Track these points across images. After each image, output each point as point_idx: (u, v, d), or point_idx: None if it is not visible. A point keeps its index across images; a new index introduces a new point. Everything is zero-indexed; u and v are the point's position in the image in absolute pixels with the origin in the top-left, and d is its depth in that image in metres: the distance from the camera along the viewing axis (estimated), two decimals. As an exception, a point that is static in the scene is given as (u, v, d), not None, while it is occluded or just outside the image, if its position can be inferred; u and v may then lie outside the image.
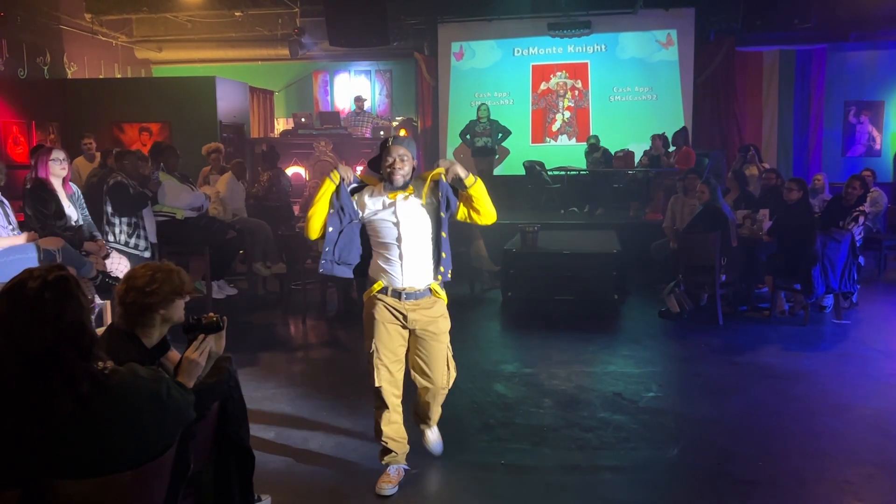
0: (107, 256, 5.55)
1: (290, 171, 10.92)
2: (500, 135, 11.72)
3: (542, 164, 11.64)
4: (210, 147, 8.90)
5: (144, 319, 2.66)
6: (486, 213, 3.56)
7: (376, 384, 3.62)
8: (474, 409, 4.75)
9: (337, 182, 3.50)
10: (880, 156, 12.48)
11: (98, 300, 4.95)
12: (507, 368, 5.64)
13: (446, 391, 3.83)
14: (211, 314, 2.76)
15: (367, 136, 12.64)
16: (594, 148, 11.33)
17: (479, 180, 3.51)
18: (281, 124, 14.67)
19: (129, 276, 2.75)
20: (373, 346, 3.61)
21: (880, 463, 3.98)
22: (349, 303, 7.48)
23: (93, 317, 2.47)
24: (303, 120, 12.54)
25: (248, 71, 14.32)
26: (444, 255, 3.55)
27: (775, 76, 12.83)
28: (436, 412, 3.93)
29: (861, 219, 7.35)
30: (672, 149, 10.76)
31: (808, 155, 12.91)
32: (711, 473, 3.87)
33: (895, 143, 12.45)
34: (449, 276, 3.62)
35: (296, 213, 9.72)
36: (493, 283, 8.14)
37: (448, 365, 3.76)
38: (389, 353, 3.61)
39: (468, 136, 11.75)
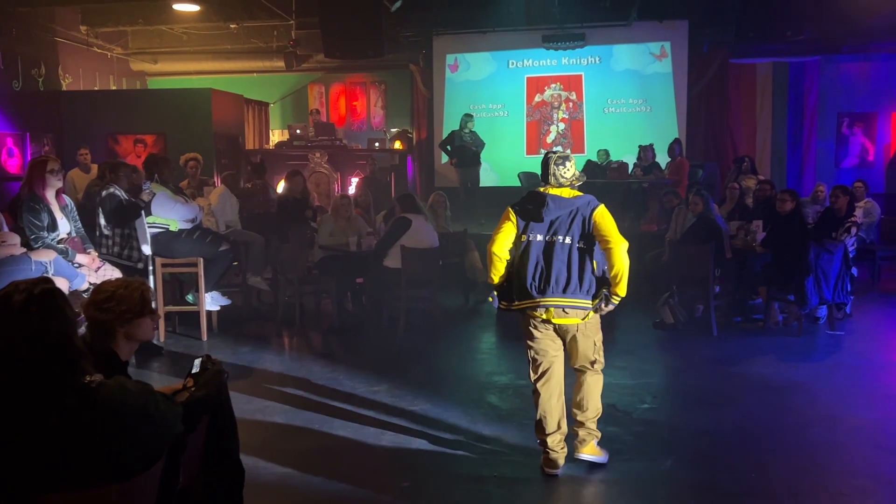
0: (99, 269, 5.54)
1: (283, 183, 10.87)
2: (477, 147, 11.54)
3: (536, 176, 11.62)
4: (188, 156, 8.32)
5: (103, 335, 2.60)
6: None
7: None
8: (468, 421, 4.74)
9: None
10: (873, 167, 12.51)
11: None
12: (500, 380, 5.63)
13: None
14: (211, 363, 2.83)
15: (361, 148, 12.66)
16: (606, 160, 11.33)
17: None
18: (276, 136, 14.69)
19: (95, 289, 2.72)
20: None
21: (874, 475, 3.98)
22: (344, 314, 7.46)
23: (81, 330, 2.45)
24: (297, 132, 12.53)
25: (244, 83, 14.36)
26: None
27: (769, 88, 12.90)
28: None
29: (853, 230, 7.38)
30: (668, 160, 10.77)
31: (802, 166, 12.97)
32: (704, 485, 3.87)
33: (888, 154, 12.50)
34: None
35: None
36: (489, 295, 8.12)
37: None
38: None
39: (448, 147, 11.59)
